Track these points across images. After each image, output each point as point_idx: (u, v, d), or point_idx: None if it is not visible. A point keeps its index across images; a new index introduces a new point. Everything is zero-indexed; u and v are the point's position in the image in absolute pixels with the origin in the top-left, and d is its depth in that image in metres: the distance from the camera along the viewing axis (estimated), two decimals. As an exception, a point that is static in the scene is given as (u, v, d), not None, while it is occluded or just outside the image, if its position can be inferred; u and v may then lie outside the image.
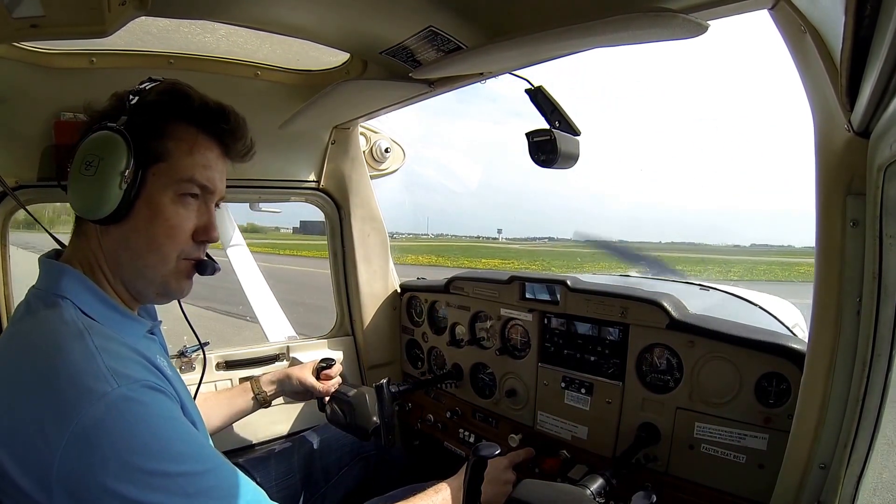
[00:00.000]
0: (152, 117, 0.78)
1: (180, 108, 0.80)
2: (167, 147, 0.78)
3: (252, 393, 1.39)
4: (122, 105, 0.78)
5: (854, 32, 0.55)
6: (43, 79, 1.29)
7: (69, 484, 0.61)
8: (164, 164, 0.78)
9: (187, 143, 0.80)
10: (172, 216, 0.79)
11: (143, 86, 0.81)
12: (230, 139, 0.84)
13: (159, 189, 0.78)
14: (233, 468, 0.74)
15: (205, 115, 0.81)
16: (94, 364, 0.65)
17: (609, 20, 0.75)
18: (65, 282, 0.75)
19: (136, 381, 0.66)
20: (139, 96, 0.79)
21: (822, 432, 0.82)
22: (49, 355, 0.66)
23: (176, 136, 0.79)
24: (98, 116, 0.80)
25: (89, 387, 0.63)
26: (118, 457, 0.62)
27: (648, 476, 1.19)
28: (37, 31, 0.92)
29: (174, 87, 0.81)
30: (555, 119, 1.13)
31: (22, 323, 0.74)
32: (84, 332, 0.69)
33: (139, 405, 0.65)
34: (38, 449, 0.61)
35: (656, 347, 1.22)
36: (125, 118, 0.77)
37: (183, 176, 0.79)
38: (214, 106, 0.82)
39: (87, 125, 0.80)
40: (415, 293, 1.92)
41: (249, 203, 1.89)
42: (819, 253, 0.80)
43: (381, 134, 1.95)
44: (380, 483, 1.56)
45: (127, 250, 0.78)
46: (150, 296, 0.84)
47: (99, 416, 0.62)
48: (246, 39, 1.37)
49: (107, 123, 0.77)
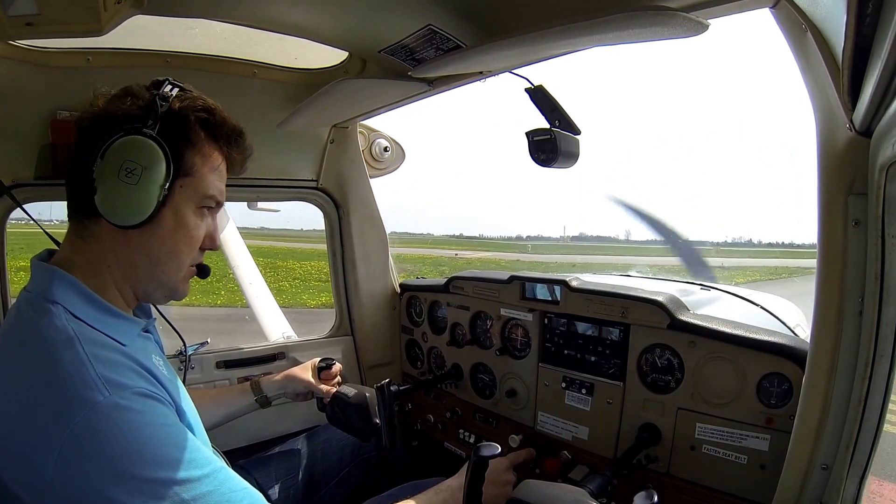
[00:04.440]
0: (185, 131, 0.79)
1: (209, 125, 0.82)
2: (195, 162, 0.81)
3: (252, 393, 1.39)
4: (150, 109, 0.77)
5: (856, 31, 0.54)
6: (39, 77, 1.29)
7: (64, 492, 0.61)
8: (191, 179, 0.81)
9: (212, 161, 0.83)
10: (193, 228, 0.82)
11: (165, 89, 0.79)
12: (239, 157, 0.89)
13: (185, 201, 0.81)
14: (230, 472, 0.74)
15: (226, 135, 0.85)
16: (85, 373, 0.64)
17: (609, 18, 0.75)
18: (56, 286, 0.74)
19: (127, 388, 0.66)
20: (167, 102, 0.78)
21: (824, 433, 0.82)
22: (40, 365, 0.66)
23: (203, 152, 0.82)
24: (120, 115, 0.77)
25: (81, 396, 0.63)
26: (111, 464, 0.61)
27: (649, 477, 1.19)
28: (32, 30, 0.91)
29: (205, 104, 0.82)
30: (555, 118, 1.12)
31: (13, 330, 0.73)
32: (75, 340, 0.68)
33: (131, 413, 0.65)
34: (32, 458, 0.61)
35: (657, 348, 1.22)
36: (157, 125, 0.77)
37: (206, 192, 0.83)
38: (235, 127, 0.86)
39: (106, 119, 0.77)
40: (415, 293, 1.91)
41: (248, 202, 1.88)
42: (821, 253, 0.80)
43: (381, 133, 1.95)
44: (380, 484, 1.56)
45: (146, 255, 0.80)
46: (158, 298, 0.87)
47: (91, 424, 0.62)
48: (244, 38, 1.36)
49: (143, 129, 0.76)
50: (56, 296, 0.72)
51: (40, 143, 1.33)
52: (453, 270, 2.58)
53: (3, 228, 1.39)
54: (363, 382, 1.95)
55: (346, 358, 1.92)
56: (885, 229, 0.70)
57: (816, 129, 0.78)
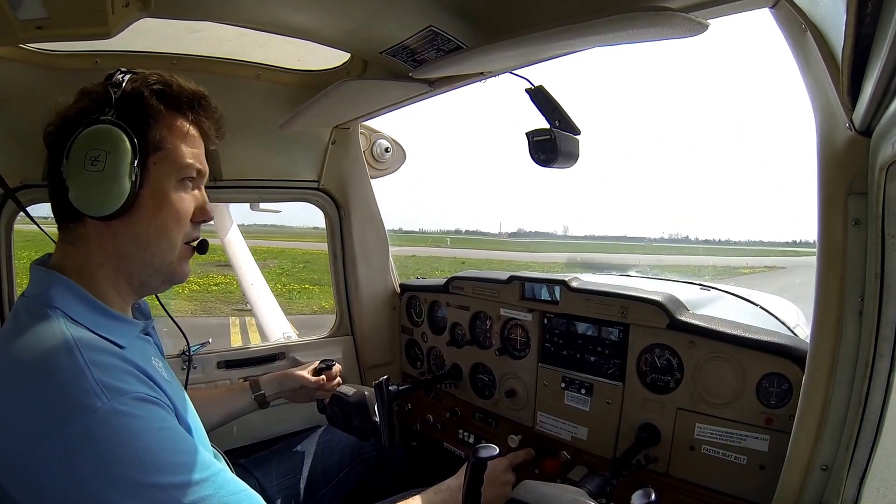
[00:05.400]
0: (142, 108, 0.78)
1: (166, 97, 0.81)
2: (163, 135, 0.79)
3: (251, 393, 1.39)
4: (104, 99, 0.77)
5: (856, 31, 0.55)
6: (48, 80, 1.30)
7: (63, 498, 0.60)
8: (163, 153, 0.79)
9: (179, 130, 0.81)
10: (177, 202, 0.81)
11: (117, 78, 0.80)
12: (209, 121, 0.86)
13: (162, 178, 0.79)
14: (229, 475, 0.73)
15: (188, 102, 0.83)
16: (83, 379, 0.64)
17: (609, 19, 0.75)
18: (54, 291, 0.73)
19: (126, 393, 0.65)
20: (119, 89, 0.78)
21: (824, 433, 0.82)
22: (38, 371, 0.65)
23: (167, 124, 0.80)
24: (76, 112, 0.77)
25: (80, 402, 0.62)
26: (110, 470, 0.61)
27: (649, 477, 1.19)
28: (41, 33, 0.92)
29: (158, 78, 0.82)
30: (555, 118, 1.12)
31: (11, 336, 0.72)
32: (73, 346, 0.67)
33: (130, 418, 0.64)
34: (31, 465, 0.61)
35: (657, 348, 1.21)
36: (113, 111, 0.76)
37: (182, 162, 0.81)
38: (196, 92, 0.84)
39: (65, 122, 0.77)
40: (414, 293, 1.91)
41: (250, 203, 1.89)
42: (821, 253, 0.80)
43: (382, 133, 1.95)
44: (380, 485, 1.56)
45: (134, 242, 0.79)
46: (156, 284, 0.85)
47: (90, 431, 0.61)
48: (248, 40, 1.37)
49: (99, 117, 0.76)
50: (54, 300, 0.72)
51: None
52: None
53: (10, 231, 1.40)
54: (363, 382, 1.95)
55: (346, 358, 1.93)
56: (885, 229, 0.70)
57: (816, 128, 0.78)
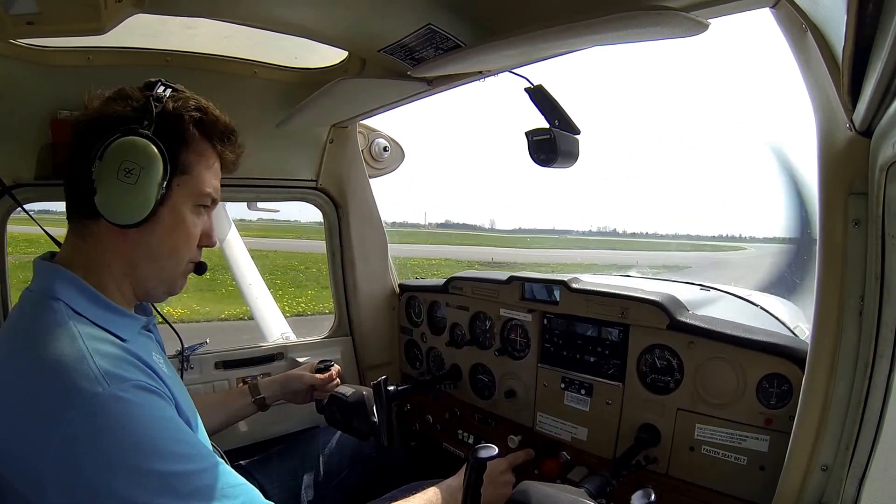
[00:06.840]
0: (179, 130, 0.81)
1: (202, 124, 0.84)
2: (191, 161, 0.83)
3: (250, 395, 1.39)
4: (145, 111, 0.79)
5: (856, 31, 0.54)
6: (40, 76, 1.28)
7: (62, 483, 0.61)
8: (188, 177, 0.83)
9: (206, 159, 0.85)
10: (191, 226, 0.85)
11: (159, 90, 0.81)
12: (231, 155, 0.90)
13: (182, 200, 0.83)
14: (228, 469, 0.74)
15: (220, 134, 0.86)
16: (85, 366, 0.65)
17: (609, 18, 0.75)
18: (58, 284, 0.75)
19: (126, 380, 0.67)
20: (161, 103, 0.80)
21: (824, 434, 0.82)
22: (42, 359, 0.66)
23: (198, 151, 0.84)
24: (116, 116, 0.78)
25: (80, 388, 0.63)
26: (109, 456, 0.62)
27: (648, 477, 1.19)
28: (33, 29, 0.91)
29: (198, 104, 0.84)
30: (555, 118, 1.12)
31: (16, 326, 0.75)
32: (76, 335, 0.69)
33: (130, 405, 0.65)
34: (30, 450, 0.61)
35: (656, 348, 1.21)
36: (152, 126, 0.78)
37: (203, 190, 0.85)
38: (227, 126, 0.88)
39: (102, 121, 0.78)
40: (414, 293, 1.91)
41: (247, 202, 1.88)
42: (821, 253, 0.80)
43: (380, 132, 1.94)
44: (380, 485, 1.55)
45: (146, 253, 0.82)
46: (158, 294, 0.89)
47: (90, 416, 0.62)
48: (244, 37, 1.36)
49: (138, 129, 0.77)
50: (58, 293, 0.74)
51: (41, 142, 1.33)
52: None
53: (3, 229, 1.39)
54: (362, 383, 1.94)
55: (345, 358, 1.92)
56: (885, 229, 0.70)
57: (816, 128, 0.78)
